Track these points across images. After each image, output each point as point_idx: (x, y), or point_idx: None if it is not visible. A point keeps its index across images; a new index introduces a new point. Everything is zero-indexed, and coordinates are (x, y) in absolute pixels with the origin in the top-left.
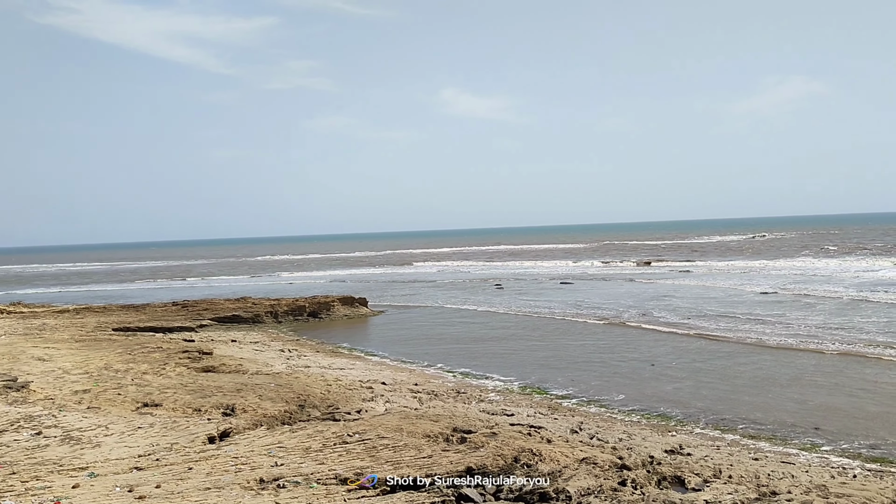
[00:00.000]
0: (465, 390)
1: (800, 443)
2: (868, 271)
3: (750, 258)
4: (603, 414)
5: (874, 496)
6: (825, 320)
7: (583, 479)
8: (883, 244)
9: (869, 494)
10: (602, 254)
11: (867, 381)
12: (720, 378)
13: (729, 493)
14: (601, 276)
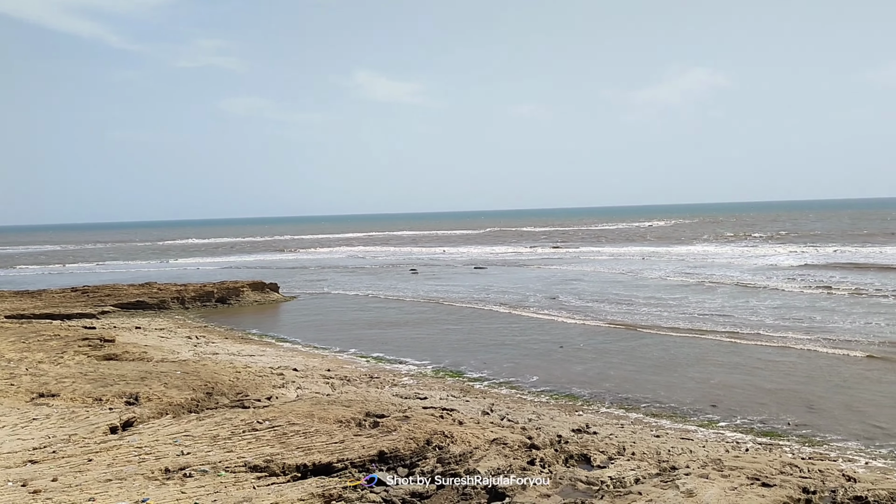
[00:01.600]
0: (378, 375)
1: (698, 419)
2: (761, 257)
3: (653, 244)
4: (514, 395)
5: (764, 468)
6: (723, 303)
7: (493, 459)
8: (774, 232)
9: (759, 466)
10: (514, 240)
11: (762, 361)
12: (627, 359)
13: (632, 469)
14: (513, 261)
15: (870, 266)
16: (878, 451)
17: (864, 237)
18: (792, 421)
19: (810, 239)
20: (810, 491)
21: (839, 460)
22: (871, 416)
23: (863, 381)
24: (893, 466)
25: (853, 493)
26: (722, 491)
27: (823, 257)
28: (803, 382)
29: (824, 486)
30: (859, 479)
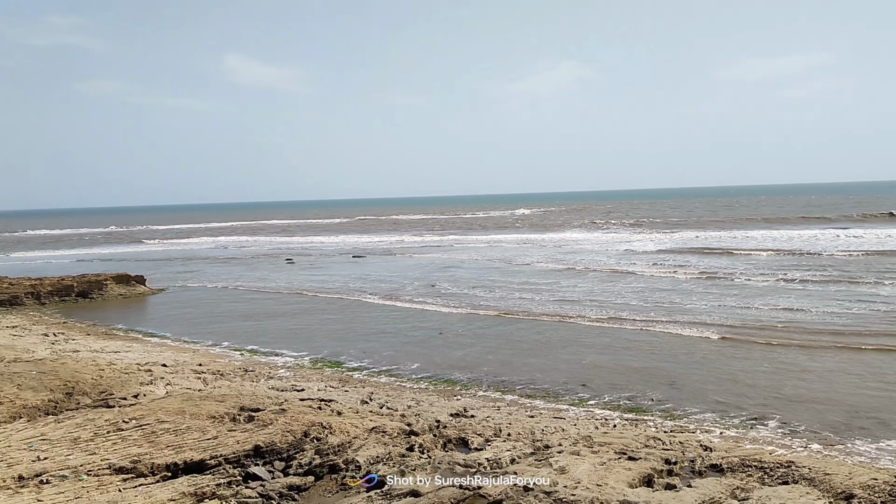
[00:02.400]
0: (253, 368)
1: (570, 399)
2: (627, 242)
3: (526, 231)
4: (393, 383)
5: (630, 442)
6: (592, 287)
7: (372, 447)
8: (637, 218)
9: (626, 441)
10: (391, 228)
11: (628, 341)
12: (504, 343)
13: (508, 449)
14: (391, 249)
15: (723, 250)
16: (731, 421)
17: (719, 223)
18: (655, 397)
19: (670, 225)
20: (672, 462)
21: (697, 432)
22: (725, 390)
23: (718, 359)
24: (744, 435)
25: (709, 462)
26: (592, 466)
27: (682, 242)
28: (666, 361)
29: (684, 457)
30: (715, 449)
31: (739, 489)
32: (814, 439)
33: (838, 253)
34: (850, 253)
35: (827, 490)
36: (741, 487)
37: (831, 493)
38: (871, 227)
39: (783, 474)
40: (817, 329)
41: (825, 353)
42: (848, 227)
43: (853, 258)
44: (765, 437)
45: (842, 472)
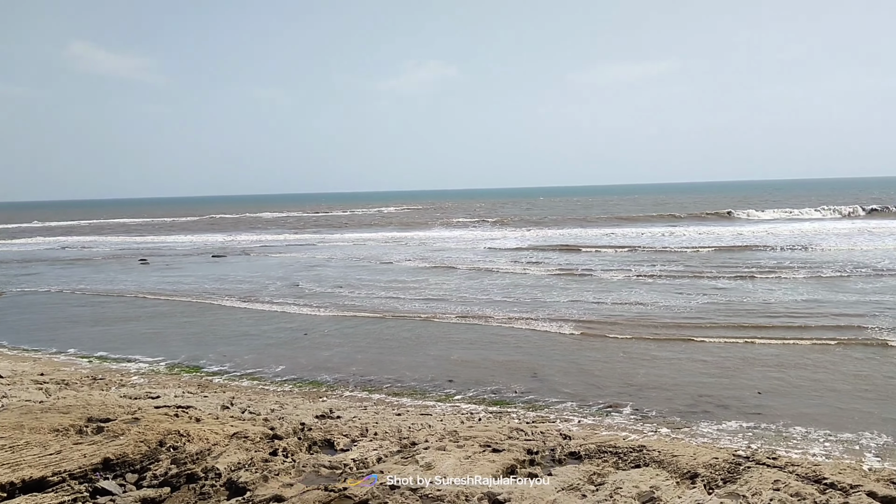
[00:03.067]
0: (102, 376)
1: (437, 395)
2: (492, 240)
3: (393, 229)
4: (256, 387)
5: (494, 435)
6: (459, 284)
7: (234, 454)
8: (502, 216)
9: (490, 434)
10: (250, 226)
11: (495, 336)
12: (372, 342)
13: (374, 449)
14: (253, 248)
15: (581, 247)
16: (589, 410)
17: (577, 221)
18: (519, 389)
19: (532, 223)
20: (534, 452)
21: (557, 421)
22: (583, 380)
23: (577, 351)
24: (600, 422)
25: (569, 450)
26: (458, 460)
27: (543, 239)
28: (529, 354)
29: (545, 446)
30: (573, 437)
31: (596, 474)
32: (663, 424)
33: (683, 249)
34: (694, 249)
35: (674, 471)
36: (597, 473)
37: (678, 474)
38: (712, 225)
39: (636, 458)
40: (665, 321)
41: (673, 344)
42: (692, 224)
43: (696, 254)
44: (619, 424)
45: (687, 453)
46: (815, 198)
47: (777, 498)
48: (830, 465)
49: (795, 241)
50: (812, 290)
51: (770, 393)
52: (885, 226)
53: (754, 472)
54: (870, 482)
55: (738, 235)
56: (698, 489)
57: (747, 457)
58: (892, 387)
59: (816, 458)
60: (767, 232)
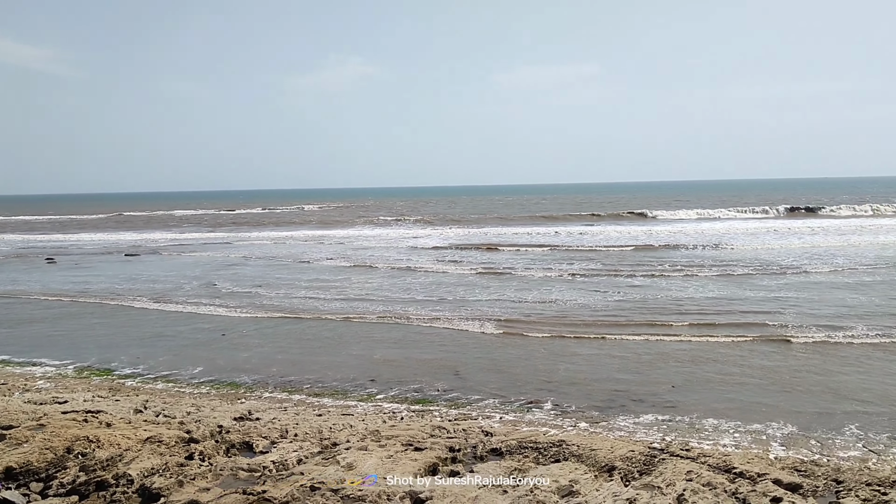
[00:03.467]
0: (5, 381)
1: (358, 395)
2: (414, 238)
3: (314, 227)
4: (171, 389)
5: (417, 433)
6: (382, 283)
7: (147, 459)
8: (423, 215)
9: (413, 433)
10: (165, 224)
11: (418, 335)
12: (294, 342)
13: (294, 450)
14: (168, 247)
15: (502, 245)
16: (510, 407)
17: (499, 220)
18: (441, 387)
19: (453, 222)
20: (456, 449)
21: (479, 418)
22: (505, 377)
23: (499, 348)
24: (521, 419)
25: (490, 447)
26: (379, 460)
27: (465, 238)
28: (452, 352)
29: (467, 444)
30: (495, 434)
31: (517, 470)
32: (582, 418)
33: (601, 248)
34: (611, 248)
35: (593, 464)
36: (518, 468)
37: (596, 467)
38: (629, 225)
39: (555, 453)
40: (584, 318)
41: (591, 340)
42: (610, 224)
43: (613, 252)
44: (539, 420)
45: (605, 446)
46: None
47: (689, 488)
48: (739, 455)
49: (707, 240)
50: (722, 288)
51: (683, 387)
52: (794, 225)
53: (668, 464)
54: (776, 470)
55: (652, 235)
56: (615, 482)
57: (662, 449)
58: (796, 380)
59: (727, 448)
60: (681, 231)
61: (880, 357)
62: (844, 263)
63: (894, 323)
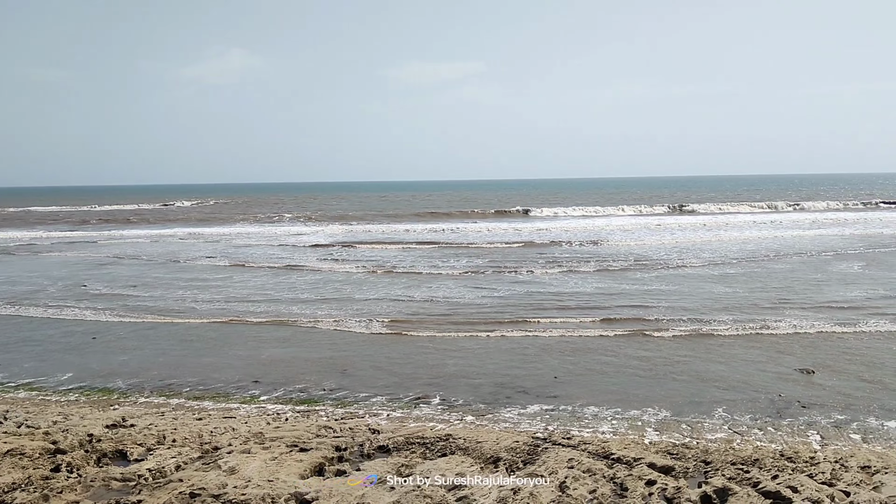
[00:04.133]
0: None
1: (241, 397)
2: (297, 235)
3: (193, 225)
4: (35, 398)
5: (302, 434)
6: (266, 281)
7: (7, 473)
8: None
9: (298, 433)
10: (25, 221)
11: (305, 333)
12: (174, 344)
13: (173, 457)
14: (29, 246)
15: (389, 242)
16: (398, 403)
17: (387, 216)
18: (328, 386)
19: (338, 218)
20: (342, 448)
21: (366, 416)
22: (394, 374)
23: (387, 345)
24: (409, 415)
25: (378, 444)
26: (263, 463)
27: (351, 235)
28: (339, 351)
29: (354, 442)
30: (382, 431)
31: (404, 466)
32: (468, 412)
33: (486, 244)
34: (496, 244)
35: (479, 456)
36: (406, 464)
37: (482, 459)
38: (514, 221)
39: (442, 447)
40: (471, 313)
41: (479, 335)
42: (496, 220)
43: (498, 249)
44: (427, 415)
45: (491, 438)
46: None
47: (571, 475)
48: (617, 442)
49: (587, 237)
50: (600, 282)
51: (565, 378)
52: (666, 221)
53: (551, 453)
54: (650, 454)
55: (536, 231)
56: (501, 472)
57: (545, 438)
58: (668, 368)
59: (605, 435)
60: (563, 228)
61: (742, 345)
62: (711, 257)
63: (756, 313)
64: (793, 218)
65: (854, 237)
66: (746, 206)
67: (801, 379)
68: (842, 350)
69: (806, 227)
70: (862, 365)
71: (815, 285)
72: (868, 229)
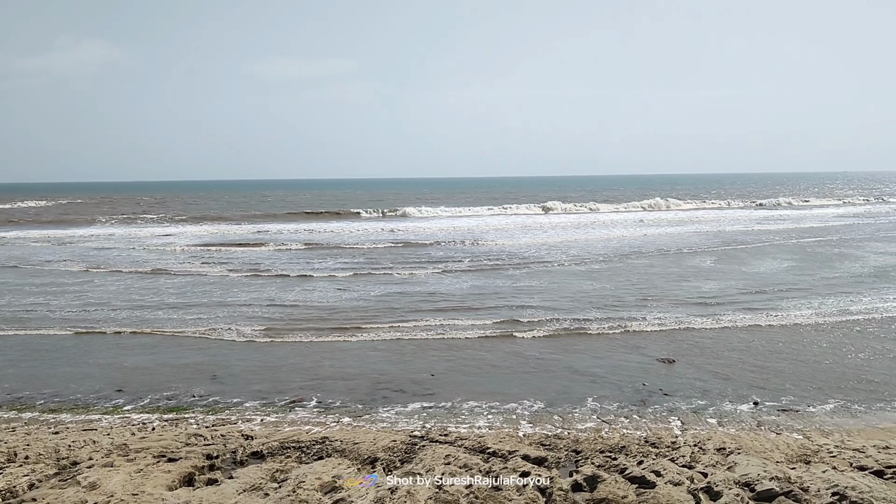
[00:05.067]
0: None
1: (102, 407)
2: (162, 237)
3: (45, 227)
4: None
5: (170, 443)
6: (130, 285)
7: None
8: (169, 213)
9: (165, 443)
10: None
11: (171, 340)
12: (26, 354)
13: (25, 474)
14: None
15: (259, 243)
16: (272, 407)
17: (264, 216)
18: (198, 393)
19: (210, 219)
20: (214, 456)
21: (239, 422)
22: (269, 378)
23: (262, 348)
24: (284, 419)
25: (251, 450)
26: (128, 475)
27: (221, 236)
28: (210, 356)
29: (226, 449)
30: (256, 436)
31: (279, 471)
32: (345, 413)
33: (361, 245)
34: (364, 244)
35: (356, 458)
36: (280, 469)
37: (359, 460)
38: (391, 222)
39: (318, 450)
40: (349, 314)
41: (356, 336)
42: (372, 221)
43: (373, 249)
44: (303, 418)
45: (368, 439)
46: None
47: (447, 471)
48: (493, 436)
49: (461, 236)
50: (474, 280)
51: (442, 375)
52: (540, 221)
53: (428, 450)
54: (524, 447)
55: (411, 231)
56: (378, 472)
57: (422, 436)
58: (541, 361)
59: (482, 430)
60: (438, 228)
61: (609, 338)
62: (578, 254)
63: (622, 307)
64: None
65: (709, 233)
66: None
67: (663, 368)
68: (698, 340)
69: (665, 224)
70: (717, 354)
71: (675, 280)
72: (722, 227)
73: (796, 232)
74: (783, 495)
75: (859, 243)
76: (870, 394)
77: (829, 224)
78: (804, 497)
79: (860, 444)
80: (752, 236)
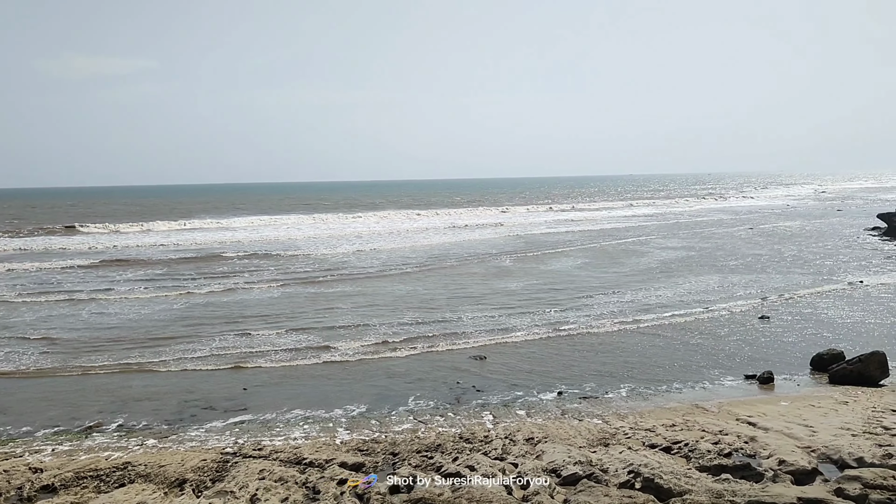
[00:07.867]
0: None
1: None
2: None
3: None
4: None
5: None
6: None
7: None
8: None
9: None
10: None
11: None
12: None
13: None
14: None
15: (49, 255)
16: (66, 435)
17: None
18: None
19: None
20: None
21: (26, 454)
22: (59, 405)
23: (52, 374)
24: (79, 446)
25: (41, 484)
26: None
27: None
28: None
29: (11, 486)
30: (46, 468)
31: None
32: (150, 435)
33: (163, 257)
34: (170, 257)
35: (162, 481)
36: (76, 502)
37: (166, 483)
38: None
39: (120, 477)
40: (154, 329)
41: (165, 352)
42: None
43: (177, 260)
44: (101, 444)
45: (175, 460)
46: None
47: (262, 486)
48: (309, 446)
49: (272, 248)
50: (285, 288)
51: (256, 388)
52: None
53: (241, 467)
54: (342, 454)
55: (230, 243)
56: (187, 495)
57: (234, 452)
58: (357, 367)
59: (298, 441)
60: (252, 239)
61: (425, 339)
62: (388, 259)
63: (436, 308)
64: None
65: (512, 236)
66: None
67: (476, 365)
68: (507, 337)
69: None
70: (524, 349)
71: (482, 280)
72: (525, 230)
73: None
74: (586, 478)
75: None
76: (656, 378)
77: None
78: (604, 478)
79: (651, 424)
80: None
